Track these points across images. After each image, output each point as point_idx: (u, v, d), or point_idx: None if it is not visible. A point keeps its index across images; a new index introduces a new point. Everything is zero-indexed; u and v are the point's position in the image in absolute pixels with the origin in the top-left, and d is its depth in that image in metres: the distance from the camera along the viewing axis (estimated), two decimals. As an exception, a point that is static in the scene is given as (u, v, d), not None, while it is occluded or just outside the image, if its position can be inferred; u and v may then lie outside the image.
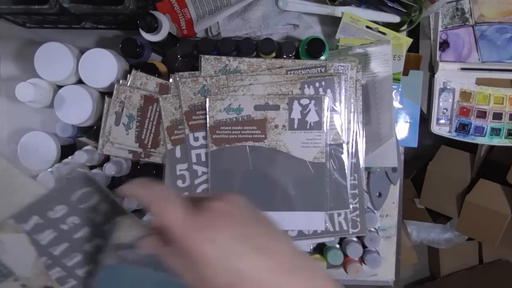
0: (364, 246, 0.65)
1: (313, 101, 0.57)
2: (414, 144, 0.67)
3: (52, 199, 0.45)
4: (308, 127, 0.57)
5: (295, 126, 0.57)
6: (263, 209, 0.57)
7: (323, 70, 0.58)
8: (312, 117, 0.57)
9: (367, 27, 0.63)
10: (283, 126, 0.57)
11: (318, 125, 0.57)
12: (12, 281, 0.47)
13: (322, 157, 0.57)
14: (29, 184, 0.46)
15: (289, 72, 0.58)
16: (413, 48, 0.70)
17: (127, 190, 0.30)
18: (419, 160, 1.27)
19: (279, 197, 0.57)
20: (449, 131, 0.74)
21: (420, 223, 1.36)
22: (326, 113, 0.57)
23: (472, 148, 1.14)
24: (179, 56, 0.63)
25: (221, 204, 0.28)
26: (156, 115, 0.59)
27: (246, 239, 0.26)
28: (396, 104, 0.65)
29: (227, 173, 0.57)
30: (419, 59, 0.71)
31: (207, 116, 0.57)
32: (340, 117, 0.58)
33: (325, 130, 0.57)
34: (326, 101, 0.57)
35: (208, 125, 0.57)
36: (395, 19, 0.65)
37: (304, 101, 0.57)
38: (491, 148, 1.17)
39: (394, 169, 0.67)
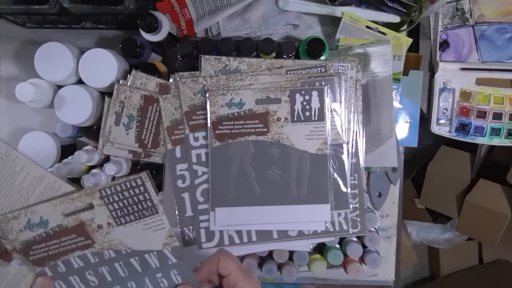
0: (364, 246, 0.65)
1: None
2: (414, 144, 0.67)
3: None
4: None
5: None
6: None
7: (323, 70, 0.58)
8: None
9: (367, 27, 0.63)
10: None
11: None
12: None
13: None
14: (29, 165, 0.46)
15: (289, 72, 0.58)
16: (413, 48, 0.70)
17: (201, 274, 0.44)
18: (419, 160, 1.27)
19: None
20: (449, 131, 0.74)
21: (420, 223, 1.36)
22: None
23: (472, 148, 1.14)
24: (179, 56, 0.63)
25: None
26: (156, 115, 0.59)
27: None
28: (396, 104, 0.65)
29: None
30: (419, 59, 0.71)
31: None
32: (340, 117, 0.58)
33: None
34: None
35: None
36: (395, 19, 0.65)
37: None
38: (491, 148, 1.17)
39: (394, 169, 0.67)
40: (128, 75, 0.59)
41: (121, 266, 0.45)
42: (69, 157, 0.59)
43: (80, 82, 0.61)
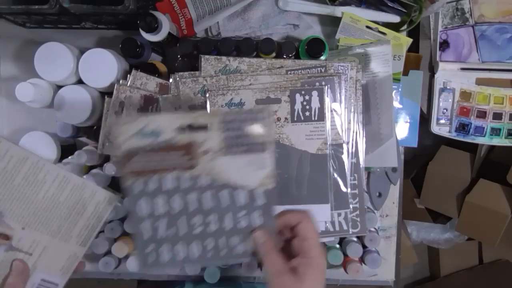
0: (364, 246, 0.65)
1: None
2: (414, 144, 0.67)
3: None
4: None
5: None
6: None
7: (323, 70, 0.58)
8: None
9: (367, 27, 0.63)
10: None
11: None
12: None
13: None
14: (12, 149, 0.46)
15: (289, 72, 0.58)
16: (413, 48, 0.70)
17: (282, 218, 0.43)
18: (419, 160, 1.27)
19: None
20: (449, 131, 0.74)
21: (420, 223, 1.36)
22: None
23: (472, 148, 1.14)
24: (179, 56, 0.63)
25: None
26: (156, 115, 0.59)
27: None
28: (396, 104, 0.65)
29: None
30: (419, 59, 0.71)
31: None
32: (340, 117, 0.58)
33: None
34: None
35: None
36: (395, 19, 0.65)
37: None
38: (491, 148, 1.17)
39: (394, 169, 0.67)
40: (128, 75, 0.59)
41: (210, 196, 0.44)
42: (69, 157, 0.59)
43: (80, 82, 0.61)
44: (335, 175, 0.58)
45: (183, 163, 0.43)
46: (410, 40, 0.65)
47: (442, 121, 0.73)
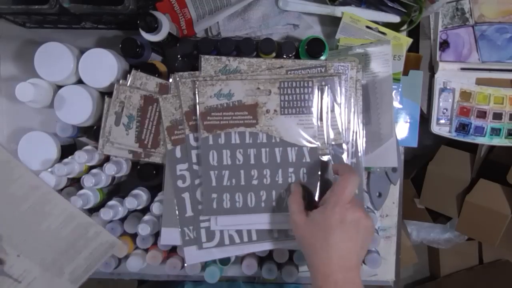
0: (364, 246, 0.65)
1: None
2: (414, 144, 0.67)
3: None
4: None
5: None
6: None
7: (323, 70, 0.58)
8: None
9: (367, 27, 0.63)
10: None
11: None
12: None
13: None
14: (26, 175, 0.46)
15: (289, 72, 0.58)
16: (413, 48, 0.70)
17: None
18: (419, 160, 1.27)
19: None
20: (449, 131, 0.74)
21: (420, 223, 1.36)
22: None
23: (472, 148, 1.14)
24: (179, 56, 0.63)
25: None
26: (156, 115, 0.59)
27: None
28: (396, 104, 0.65)
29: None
30: (419, 59, 0.71)
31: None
32: (340, 117, 0.58)
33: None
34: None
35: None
36: (395, 19, 0.65)
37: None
38: (491, 148, 1.17)
39: (394, 169, 0.67)
40: (128, 75, 0.59)
41: (266, 153, 0.53)
42: (69, 157, 0.59)
43: (80, 82, 0.61)
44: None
45: (247, 120, 0.54)
46: (410, 40, 0.65)
47: (442, 121, 0.73)
